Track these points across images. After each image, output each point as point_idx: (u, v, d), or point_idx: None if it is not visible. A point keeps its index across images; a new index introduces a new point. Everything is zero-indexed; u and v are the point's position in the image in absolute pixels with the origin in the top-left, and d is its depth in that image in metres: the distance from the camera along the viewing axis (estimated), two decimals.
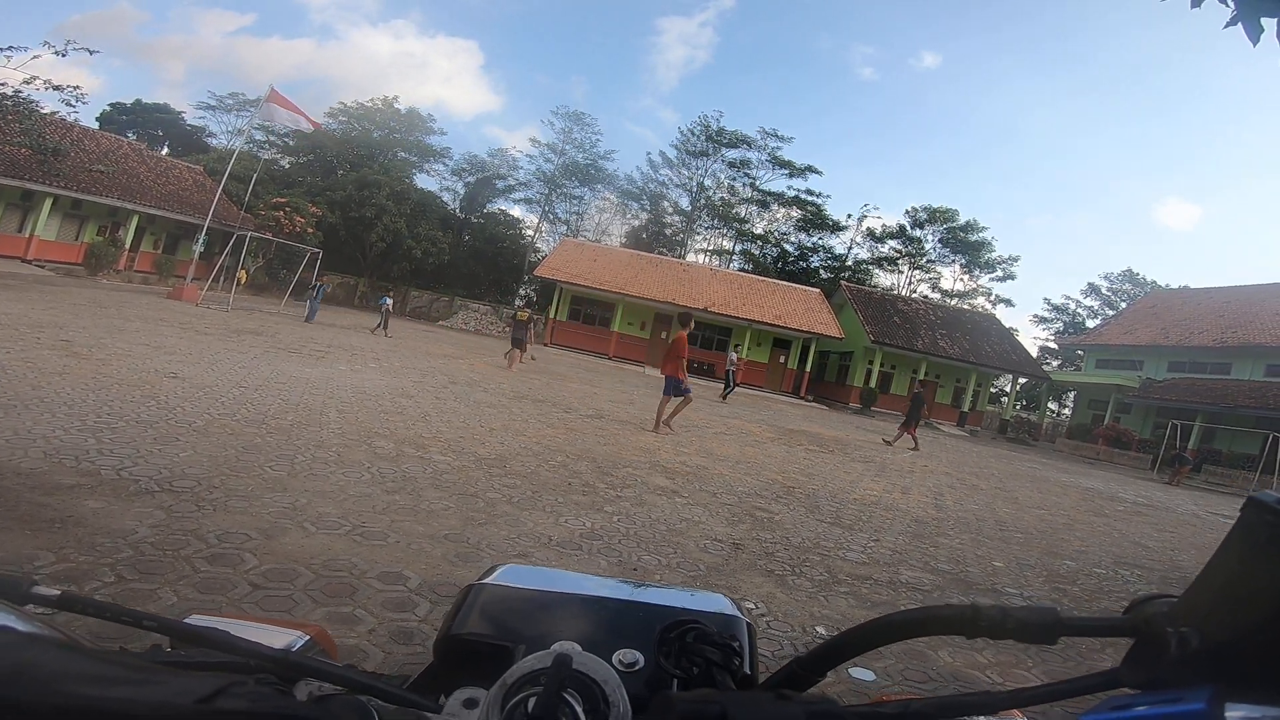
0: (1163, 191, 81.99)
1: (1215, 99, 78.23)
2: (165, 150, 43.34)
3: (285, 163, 42.40)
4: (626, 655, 0.60)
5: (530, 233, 47.96)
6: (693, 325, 9.76)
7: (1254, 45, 3.17)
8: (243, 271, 24.22)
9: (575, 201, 49.50)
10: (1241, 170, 77.75)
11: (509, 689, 0.47)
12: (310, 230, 29.52)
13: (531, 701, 0.45)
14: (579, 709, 0.45)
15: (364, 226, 34.60)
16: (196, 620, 0.65)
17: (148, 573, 2.72)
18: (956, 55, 77.25)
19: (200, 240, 21.16)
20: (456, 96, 78.06)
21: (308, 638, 0.74)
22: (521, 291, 45.81)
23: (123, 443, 4.41)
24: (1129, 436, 28.68)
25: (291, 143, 41.99)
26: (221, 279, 22.98)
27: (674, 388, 9.61)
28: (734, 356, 22.84)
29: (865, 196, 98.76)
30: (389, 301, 21.15)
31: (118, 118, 47.21)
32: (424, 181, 44.71)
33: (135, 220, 26.05)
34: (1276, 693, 0.35)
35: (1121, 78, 79.57)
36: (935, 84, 77.80)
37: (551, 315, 31.34)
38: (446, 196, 46.09)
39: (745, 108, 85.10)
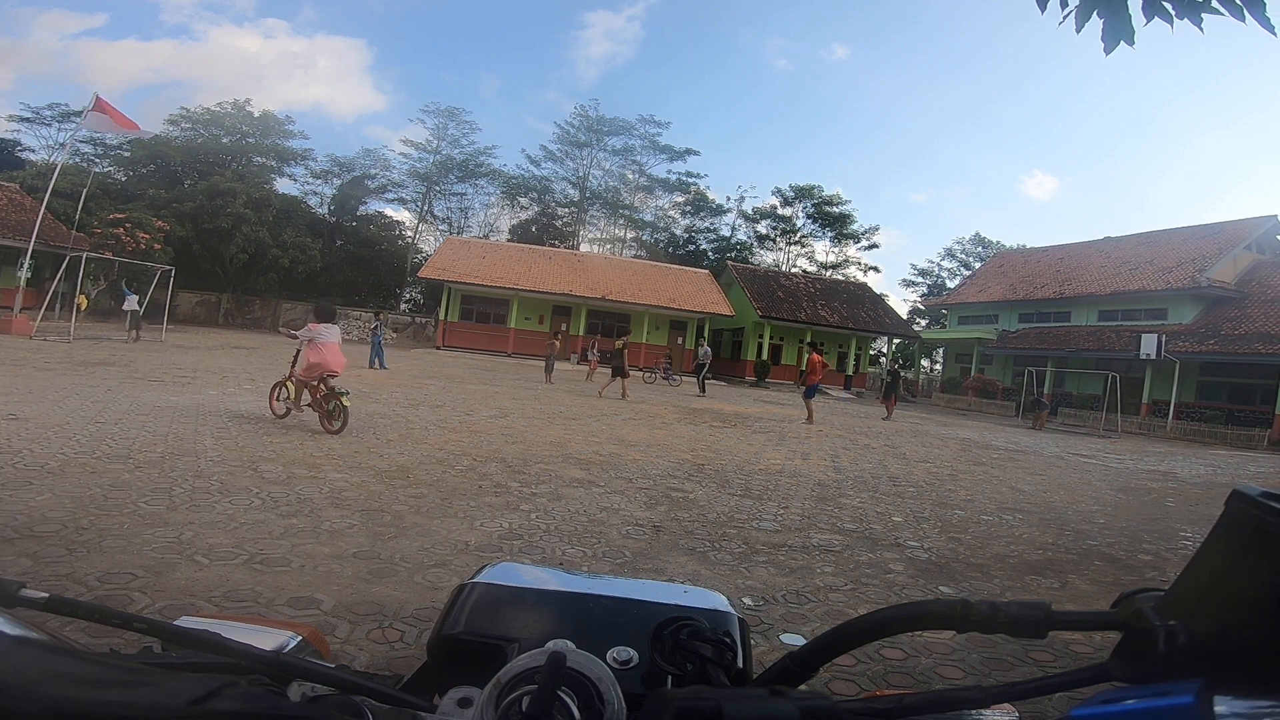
0: (1031, 165, 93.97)
1: (1065, 86, 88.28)
2: None
3: (121, 175, 38.03)
4: (621, 653, 0.60)
5: (410, 234, 46.02)
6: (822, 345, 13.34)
7: (1041, 12, 3.51)
8: (82, 297, 21.50)
9: (457, 199, 47.94)
10: (1089, 146, 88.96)
11: (503, 688, 0.47)
12: (158, 246, 26.79)
13: (526, 700, 0.45)
14: (574, 707, 0.45)
15: (220, 238, 31.68)
16: (187, 621, 0.64)
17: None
18: (861, 53, 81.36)
19: (25, 265, 18.73)
20: (339, 97, 72.00)
21: (300, 638, 0.74)
22: (406, 295, 43.87)
23: None
24: (994, 386, 31.49)
25: (127, 154, 37.74)
26: (59, 307, 20.47)
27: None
28: (704, 349, 21.60)
29: (753, 183, 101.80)
30: (134, 297, 18.58)
31: None
32: (287, 187, 41.57)
33: None
34: (1264, 686, 0.35)
35: (986, 67, 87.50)
36: (842, 77, 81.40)
37: (442, 317, 30.32)
38: (313, 201, 43.22)
39: (650, 100, 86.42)
